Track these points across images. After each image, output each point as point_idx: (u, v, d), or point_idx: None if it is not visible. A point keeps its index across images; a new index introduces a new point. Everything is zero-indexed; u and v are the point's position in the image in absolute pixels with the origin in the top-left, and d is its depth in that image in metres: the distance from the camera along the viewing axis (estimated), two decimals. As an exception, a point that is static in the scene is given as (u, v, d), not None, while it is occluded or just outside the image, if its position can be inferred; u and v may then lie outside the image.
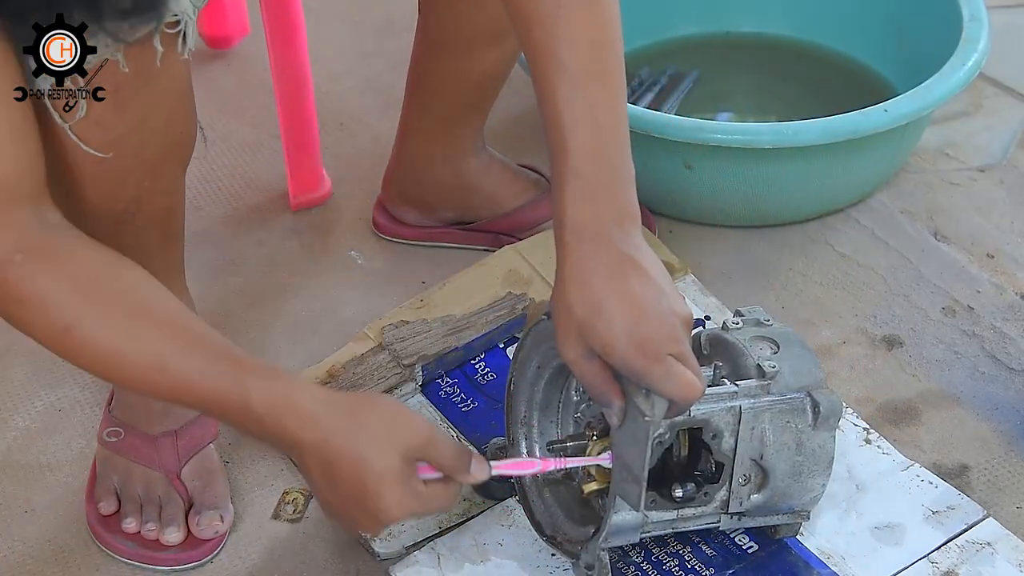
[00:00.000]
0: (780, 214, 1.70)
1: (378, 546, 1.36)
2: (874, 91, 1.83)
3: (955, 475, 1.42)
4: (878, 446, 1.43)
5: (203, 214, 1.75)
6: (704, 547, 1.34)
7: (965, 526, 1.35)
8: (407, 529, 1.37)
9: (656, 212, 1.70)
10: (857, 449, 1.42)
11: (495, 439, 1.38)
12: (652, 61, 1.91)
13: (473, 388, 1.51)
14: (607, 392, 1.16)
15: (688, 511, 1.26)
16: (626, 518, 1.23)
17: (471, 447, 1.44)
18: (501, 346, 1.55)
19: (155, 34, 1.14)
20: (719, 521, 1.28)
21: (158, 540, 1.36)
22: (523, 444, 1.33)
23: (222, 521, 1.37)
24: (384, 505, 1.12)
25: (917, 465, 1.41)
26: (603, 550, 1.25)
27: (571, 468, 1.31)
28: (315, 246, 1.72)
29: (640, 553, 1.33)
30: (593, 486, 1.27)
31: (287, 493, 1.42)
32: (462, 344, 1.52)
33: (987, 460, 1.44)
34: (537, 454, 1.33)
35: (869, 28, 1.89)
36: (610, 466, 1.22)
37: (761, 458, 1.25)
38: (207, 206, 1.77)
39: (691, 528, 1.28)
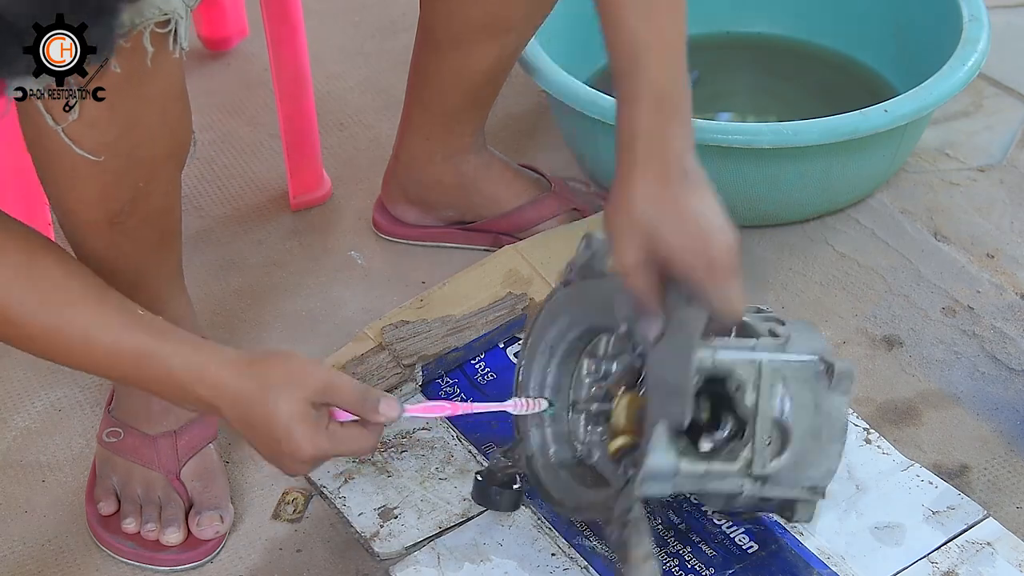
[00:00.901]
0: (780, 214, 1.70)
1: (378, 546, 1.36)
2: (874, 91, 1.83)
3: (955, 475, 1.42)
4: (878, 446, 1.43)
5: (203, 214, 1.75)
6: (704, 547, 1.34)
7: (965, 526, 1.36)
8: (407, 529, 1.37)
9: (656, 212, 1.70)
10: (857, 449, 1.42)
11: (497, 454, 1.36)
12: (652, 61, 1.91)
13: (473, 388, 1.51)
14: (652, 304, 1.18)
15: (716, 467, 1.23)
16: (660, 462, 1.20)
17: (470, 447, 1.44)
18: (501, 346, 1.55)
19: (144, 34, 1.14)
20: (743, 486, 1.24)
21: (158, 540, 1.36)
22: (534, 435, 1.31)
23: (222, 521, 1.37)
24: (296, 446, 1.17)
25: (917, 465, 1.41)
26: (638, 500, 1.21)
27: (591, 438, 1.29)
28: (315, 246, 1.72)
29: (640, 553, 1.34)
30: (619, 442, 1.25)
31: (287, 493, 1.42)
32: (462, 344, 1.52)
33: (987, 460, 1.44)
34: (550, 440, 1.31)
35: (869, 28, 1.89)
36: (514, 412, 1.27)
37: (782, 415, 1.24)
38: (207, 206, 1.77)
39: (717, 490, 1.24)
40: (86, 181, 1.20)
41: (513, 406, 1.28)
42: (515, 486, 1.34)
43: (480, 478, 1.35)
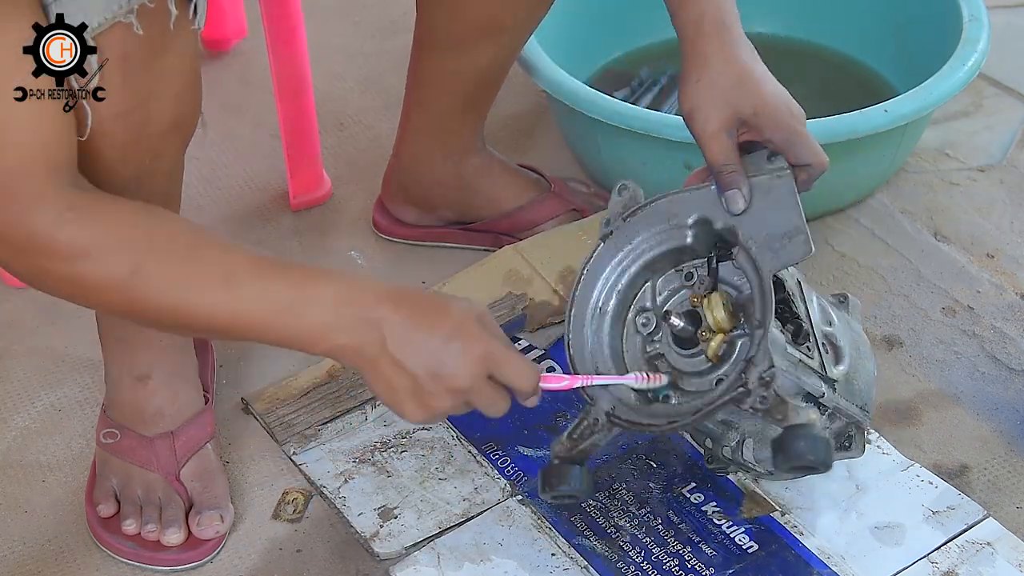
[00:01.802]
0: (780, 214, 1.70)
1: (378, 546, 1.36)
2: (874, 91, 1.83)
3: (955, 475, 1.42)
4: (878, 446, 1.43)
5: (203, 214, 1.75)
6: (704, 547, 1.34)
7: (965, 526, 1.36)
8: (407, 529, 1.37)
9: (656, 212, 1.70)
10: (857, 449, 1.43)
11: (558, 441, 1.29)
12: (652, 61, 1.91)
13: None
14: (736, 171, 1.24)
15: (803, 357, 1.24)
16: (775, 334, 1.22)
17: (470, 447, 1.44)
18: (501, 346, 1.54)
19: None
20: (823, 388, 1.25)
21: (158, 541, 1.36)
22: (603, 394, 1.27)
23: (222, 521, 1.37)
24: (471, 338, 1.13)
25: (917, 465, 1.41)
26: (772, 357, 1.20)
27: (648, 353, 1.29)
28: (315, 246, 1.72)
29: (640, 553, 1.34)
30: (717, 341, 1.25)
31: (287, 493, 1.42)
32: (462, 344, 1.51)
33: (987, 460, 1.44)
34: (622, 393, 1.27)
35: (869, 28, 1.89)
36: (637, 385, 1.24)
37: (829, 325, 1.28)
38: (207, 206, 1.77)
39: (804, 386, 1.23)
40: (92, 155, 1.19)
41: (635, 379, 1.25)
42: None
43: (548, 466, 1.28)
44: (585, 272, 1.30)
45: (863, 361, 1.32)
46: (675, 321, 1.28)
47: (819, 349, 1.27)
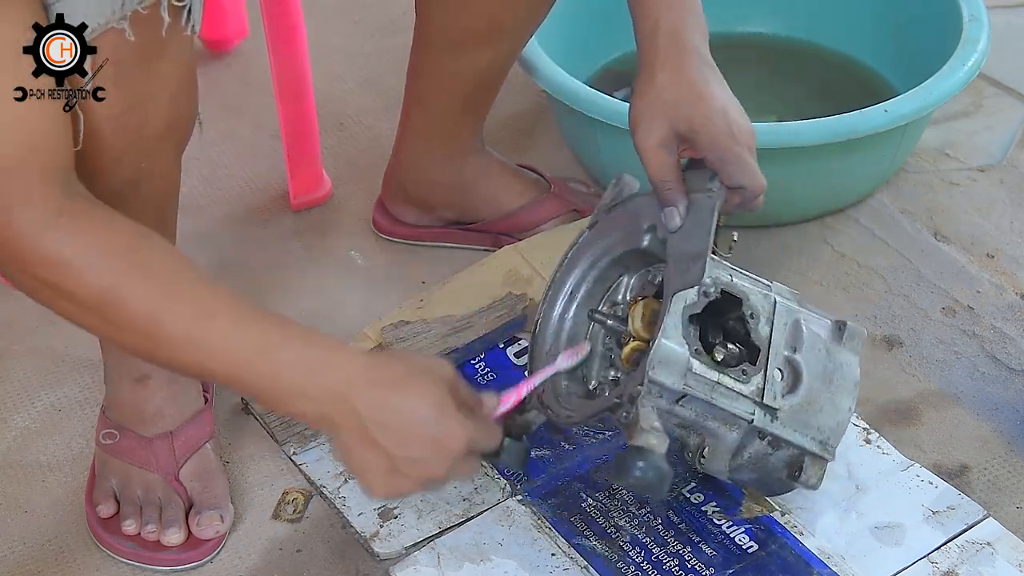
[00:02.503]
0: (780, 214, 1.70)
1: (378, 546, 1.36)
2: (874, 91, 1.83)
3: (955, 475, 1.42)
4: (878, 446, 1.43)
5: (204, 214, 1.75)
6: (704, 547, 1.34)
7: (965, 526, 1.36)
8: (407, 529, 1.37)
9: (656, 212, 1.70)
10: (857, 449, 1.42)
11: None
12: (652, 61, 1.91)
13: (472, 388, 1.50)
14: (674, 187, 1.24)
15: (727, 381, 1.22)
16: (674, 349, 1.20)
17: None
18: (501, 346, 1.55)
19: (163, 3, 1.13)
20: (753, 414, 1.24)
21: (158, 541, 1.36)
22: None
23: (222, 521, 1.37)
24: (450, 430, 1.13)
25: (917, 465, 1.41)
26: (649, 389, 1.20)
27: (604, 375, 1.31)
28: (315, 246, 1.72)
29: (640, 553, 1.34)
30: (630, 347, 1.27)
31: (287, 493, 1.42)
32: (462, 344, 1.52)
33: (987, 460, 1.44)
34: (561, 375, 1.30)
35: (869, 28, 1.89)
36: (566, 367, 1.27)
37: (795, 351, 1.26)
38: (208, 206, 1.77)
39: (726, 409, 1.23)
40: (89, 157, 1.18)
41: (563, 358, 1.28)
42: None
43: None
44: (568, 257, 1.33)
45: (834, 395, 1.28)
46: (599, 318, 1.31)
47: (766, 373, 1.24)
